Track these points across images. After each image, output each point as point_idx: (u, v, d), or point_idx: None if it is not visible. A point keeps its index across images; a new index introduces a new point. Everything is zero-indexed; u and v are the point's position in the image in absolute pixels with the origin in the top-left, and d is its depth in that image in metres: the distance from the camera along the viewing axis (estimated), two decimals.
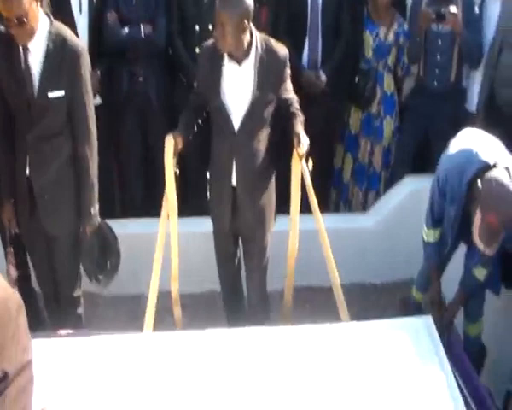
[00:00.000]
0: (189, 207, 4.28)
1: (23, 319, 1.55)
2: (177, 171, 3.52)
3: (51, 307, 3.89)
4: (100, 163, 3.55)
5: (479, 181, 2.97)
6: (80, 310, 3.89)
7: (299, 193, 3.57)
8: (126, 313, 4.24)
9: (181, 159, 3.59)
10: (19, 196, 3.53)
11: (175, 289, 3.74)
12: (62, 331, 3.24)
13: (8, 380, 1.49)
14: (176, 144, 3.46)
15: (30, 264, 3.90)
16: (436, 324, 3.15)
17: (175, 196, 3.55)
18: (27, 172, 3.44)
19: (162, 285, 3.60)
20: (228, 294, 4.09)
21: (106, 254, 3.67)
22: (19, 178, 3.48)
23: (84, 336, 3.08)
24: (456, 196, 3.17)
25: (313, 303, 4.24)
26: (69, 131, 3.43)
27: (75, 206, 3.55)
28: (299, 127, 3.46)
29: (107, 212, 3.82)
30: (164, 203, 3.57)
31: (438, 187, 3.30)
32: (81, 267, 3.72)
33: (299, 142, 3.39)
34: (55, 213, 3.53)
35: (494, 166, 3.00)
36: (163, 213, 3.56)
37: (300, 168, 3.48)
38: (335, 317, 3.47)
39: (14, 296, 1.53)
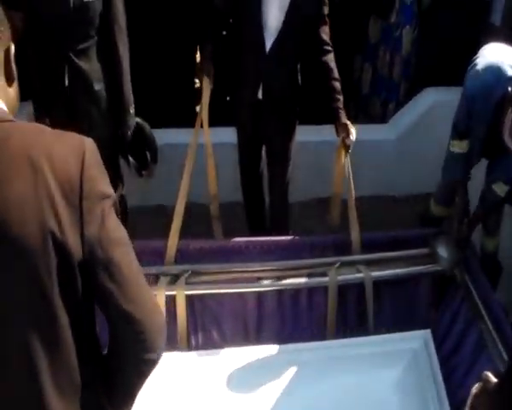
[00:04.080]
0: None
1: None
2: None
3: None
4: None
5: (509, 88, 2.97)
6: (123, 210, 3.94)
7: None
8: (150, 224, 4.32)
9: None
10: (56, 109, 3.55)
11: (214, 206, 3.81)
12: None
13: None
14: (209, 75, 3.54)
15: None
16: (457, 239, 3.25)
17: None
18: (66, 83, 3.46)
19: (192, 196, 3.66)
20: (250, 204, 4.16)
21: (145, 147, 3.75)
22: (57, 89, 3.50)
23: None
24: (483, 114, 3.18)
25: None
26: (102, 41, 3.43)
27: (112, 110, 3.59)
28: (344, 116, 3.51)
29: None
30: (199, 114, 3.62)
31: (464, 105, 3.29)
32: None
33: (347, 133, 3.46)
34: (91, 118, 3.56)
35: None
36: (197, 122, 3.62)
37: (343, 158, 3.53)
38: None
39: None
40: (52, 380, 1.48)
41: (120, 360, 1.60)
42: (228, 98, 4.11)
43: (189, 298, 3.36)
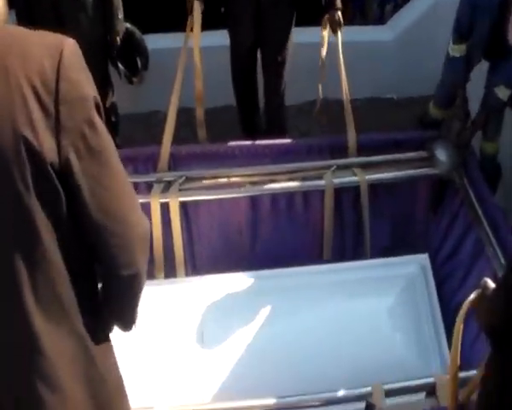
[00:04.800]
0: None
1: None
2: None
3: None
4: None
5: None
6: (114, 118, 3.89)
7: None
8: (142, 130, 4.24)
9: None
10: (42, 16, 3.42)
11: (199, 110, 3.68)
12: None
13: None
14: None
15: None
16: (456, 142, 3.19)
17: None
18: None
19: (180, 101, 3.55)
20: (244, 108, 4.07)
21: (135, 53, 3.66)
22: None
23: None
24: (487, 10, 3.07)
25: (329, 115, 4.23)
26: None
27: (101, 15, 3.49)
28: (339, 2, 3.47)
29: None
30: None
31: (467, 2, 3.17)
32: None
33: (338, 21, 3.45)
34: (79, 24, 3.45)
35: None
36: (188, 26, 3.49)
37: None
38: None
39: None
40: (35, 300, 1.40)
41: (103, 277, 1.55)
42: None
43: (184, 205, 3.31)
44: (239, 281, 3.16)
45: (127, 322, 1.67)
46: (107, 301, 1.59)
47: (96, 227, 1.43)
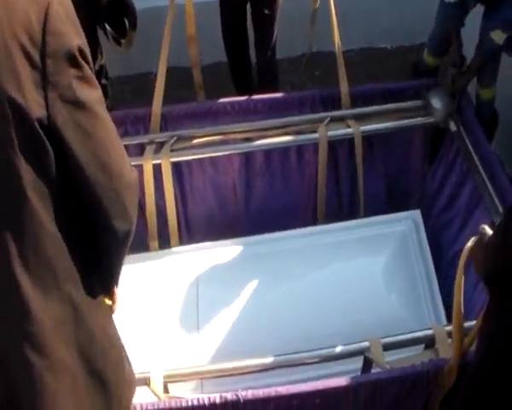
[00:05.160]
0: None
1: None
2: None
3: None
4: None
5: None
6: (104, 80, 3.77)
7: None
8: (134, 92, 4.17)
9: None
10: None
11: (193, 51, 3.56)
12: None
13: None
14: None
15: None
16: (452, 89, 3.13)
17: None
18: None
19: (171, 60, 3.48)
20: (235, 64, 4.00)
21: (123, 14, 3.57)
22: None
23: None
24: None
25: (323, 67, 4.16)
26: None
27: None
28: None
29: None
30: None
31: None
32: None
33: None
34: None
35: None
36: None
37: None
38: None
39: None
40: (23, 263, 1.39)
41: (95, 231, 1.53)
42: None
43: (177, 165, 3.26)
44: (231, 248, 3.14)
45: (112, 280, 1.67)
46: (98, 258, 1.57)
47: (87, 180, 1.41)
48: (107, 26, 3.55)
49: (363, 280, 2.92)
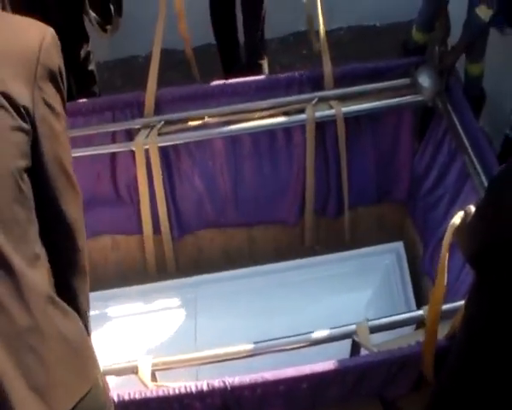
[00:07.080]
0: None
1: None
2: None
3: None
4: None
5: None
6: (92, 66, 3.82)
7: None
8: (122, 76, 4.15)
9: None
10: None
11: (182, 25, 3.46)
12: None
13: None
14: None
15: None
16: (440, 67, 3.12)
17: None
18: None
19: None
20: (223, 45, 3.99)
21: (107, 0, 3.53)
22: None
23: None
24: None
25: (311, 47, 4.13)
26: None
27: None
28: None
29: None
30: None
31: None
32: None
33: None
34: None
35: None
36: None
37: None
38: (334, 62, 3.32)
39: None
40: None
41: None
42: None
43: (164, 150, 3.24)
44: (208, 283, 3.33)
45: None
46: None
47: (46, 177, 1.52)
48: (91, 13, 3.52)
49: (347, 314, 2.85)
